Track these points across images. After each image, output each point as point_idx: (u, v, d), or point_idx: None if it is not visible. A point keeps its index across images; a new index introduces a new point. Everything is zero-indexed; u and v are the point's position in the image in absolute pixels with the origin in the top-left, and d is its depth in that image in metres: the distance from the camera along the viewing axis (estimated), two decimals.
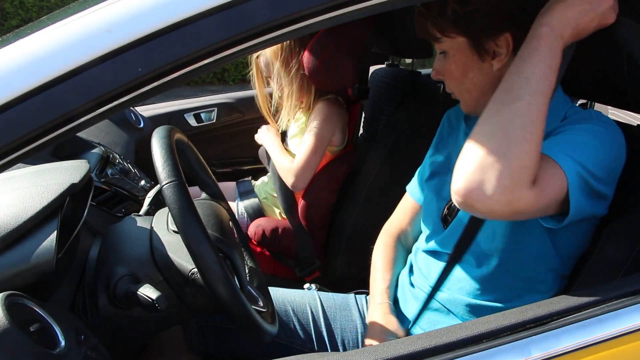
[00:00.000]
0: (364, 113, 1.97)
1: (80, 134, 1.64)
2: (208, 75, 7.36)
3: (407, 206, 1.34)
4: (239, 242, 1.13)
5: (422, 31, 1.05)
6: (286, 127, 1.84)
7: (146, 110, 2.33)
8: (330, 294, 1.40)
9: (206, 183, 1.20)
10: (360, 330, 1.30)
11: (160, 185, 0.88)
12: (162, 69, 0.69)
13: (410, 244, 1.29)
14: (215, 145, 2.45)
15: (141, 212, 1.21)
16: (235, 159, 2.53)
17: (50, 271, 0.84)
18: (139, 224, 1.07)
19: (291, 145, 1.81)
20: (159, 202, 1.20)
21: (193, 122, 2.41)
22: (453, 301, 1.09)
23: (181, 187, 0.87)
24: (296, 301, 1.33)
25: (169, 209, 0.87)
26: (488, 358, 0.74)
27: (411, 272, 1.23)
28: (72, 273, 1.04)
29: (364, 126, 2.04)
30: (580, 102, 1.24)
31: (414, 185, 1.33)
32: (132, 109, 2.16)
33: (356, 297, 1.39)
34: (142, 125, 2.18)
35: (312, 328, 1.29)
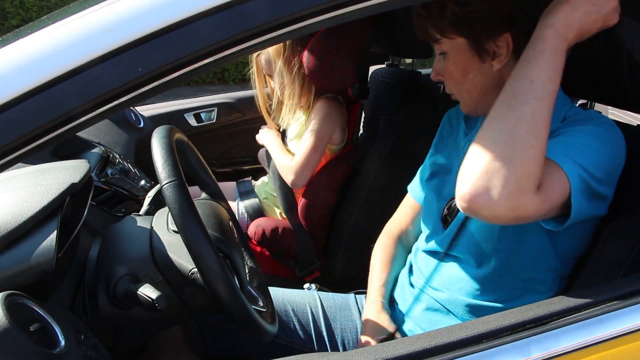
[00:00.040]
0: (364, 113, 1.97)
1: (80, 134, 1.64)
2: (208, 75, 7.36)
3: (408, 206, 1.34)
4: (239, 242, 1.13)
5: (421, 33, 1.04)
6: (286, 126, 1.84)
7: (146, 110, 2.33)
8: (330, 294, 1.40)
9: (206, 183, 1.20)
10: (360, 330, 1.30)
11: (160, 185, 0.88)
12: (162, 69, 0.69)
13: (412, 243, 1.29)
14: (215, 145, 2.45)
15: (141, 212, 1.21)
16: (235, 159, 2.53)
17: (50, 271, 0.84)
18: (139, 224, 1.07)
19: (291, 145, 1.81)
20: (159, 202, 1.20)
21: (193, 122, 2.41)
22: (453, 301, 1.09)
23: (181, 187, 0.87)
24: (296, 301, 1.33)
25: (169, 208, 0.87)
26: (488, 358, 0.74)
27: (411, 272, 1.23)
28: (72, 273, 1.04)
29: (364, 126, 2.04)
30: (580, 102, 1.24)
31: (415, 185, 1.33)
32: (132, 108, 2.16)
33: (356, 297, 1.39)
34: (142, 125, 2.18)
35: (312, 328, 1.29)
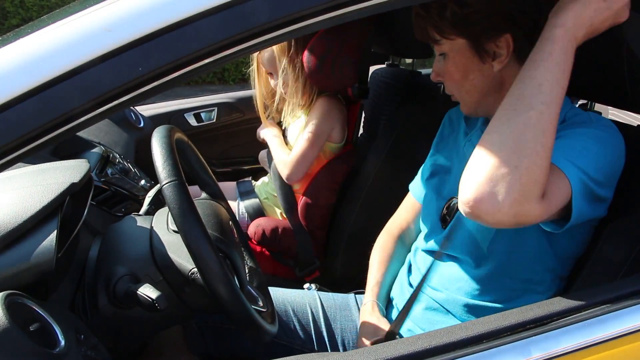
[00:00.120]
0: (364, 113, 1.97)
1: (80, 134, 1.64)
2: (208, 75, 7.37)
3: (409, 205, 1.34)
4: (238, 242, 1.13)
5: (420, 33, 1.04)
6: (287, 125, 1.85)
7: (146, 110, 2.33)
8: (331, 294, 1.40)
9: (206, 183, 1.20)
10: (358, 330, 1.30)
11: (160, 185, 0.88)
12: (162, 69, 0.69)
13: (412, 242, 1.29)
14: (215, 145, 2.45)
15: (141, 212, 1.21)
16: (235, 159, 2.53)
17: (50, 271, 0.84)
18: (138, 224, 1.07)
19: (292, 144, 1.81)
20: (159, 202, 1.20)
21: (193, 122, 2.41)
22: (451, 301, 1.09)
23: (181, 187, 0.87)
24: (296, 301, 1.33)
25: (169, 208, 0.87)
26: (488, 358, 0.74)
27: (409, 272, 1.23)
28: (72, 272, 1.04)
29: (364, 126, 2.04)
30: (580, 103, 1.24)
31: (416, 184, 1.33)
32: (132, 108, 2.16)
33: (356, 297, 1.38)
34: (142, 124, 2.18)
35: (312, 328, 1.29)
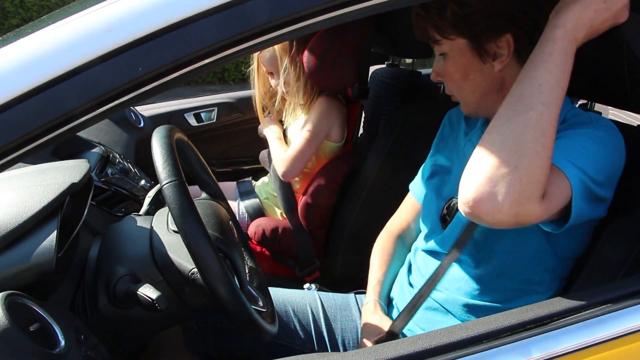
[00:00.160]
0: (364, 113, 1.97)
1: (80, 134, 1.64)
2: (208, 75, 7.37)
3: (410, 205, 1.34)
4: (238, 242, 1.12)
5: (420, 33, 1.03)
6: (287, 125, 1.85)
7: (146, 110, 2.33)
8: (331, 294, 1.40)
9: (206, 183, 1.20)
10: (360, 330, 1.30)
11: (160, 185, 0.88)
12: (162, 69, 0.69)
13: (413, 241, 1.29)
14: (215, 145, 2.45)
15: (141, 212, 1.21)
16: (235, 159, 2.53)
17: (50, 271, 0.84)
18: (139, 224, 1.07)
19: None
20: (159, 202, 1.20)
21: (193, 122, 2.41)
22: (451, 301, 1.09)
23: (181, 187, 0.87)
24: (296, 302, 1.33)
25: (169, 208, 0.87)
26: (488, 358, 0.74)
27: (409, 272, 1.23)
28: (72, 273, 1.04)
29: (364, 126, 2.04)
30: (580, 103, 1.24)
31: (416, 184, 1.33)
32: (132, 108, 2.16)
33: (356, 297, 1.38)
34: (142, 124, 2.18)
35: (313, 328, 1.29)
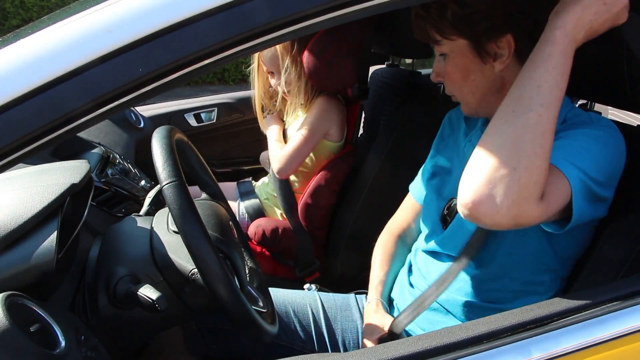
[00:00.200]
0: (364, 113, 1.97)
1: (81, 134, 1.64)
2: (208, 75, 7.37)
3: (410, 205, 1.34)
4: (239, 243, 1.12)
5: (420, 34, 1.03)
6: (287, 125, 1.85)
7: (146, 110, 2.33)
8: (331, 294, 1.40)
9: (206, 183, 1.20)
10: (360, 330, 1.30)
11: (160, 186, 0.88)
12: (163, 70, 0.69)
13: (413, 242, 1.29)
14: (215, 145, 2.45)
15: (141, 212, 1.21)
16: (235, 159, 2.53)
17: (50, 271, 0.84)
18: (139, 224, 1.07)
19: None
20: (159, 202, 1.20)
21: (193, 122, 2.41)
22: (451, 301, 1.09)
23: (181, 187, 0.87)
24: (297, 302, 1.33)
25: (169, 209, 0.87)
26: (489, 359, 0.74)
27: (410, 272, 1.23)
28: (72, 273, 1.04)
29: (364, 126, 2.04)
30: (580, 103, 1.24)
31: (416, 185, 1.33)
32: (132, 109, 2.16)
33: (357, 297, 1.38)
34: (142, 125, 2.18)
35: (313, 329, 1.29)
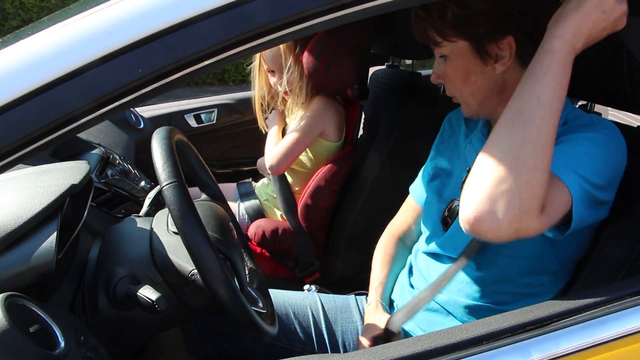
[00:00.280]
0: (364, 114, 1.97)
1: (81, 135, 1.64)
2: (208, 76, 7.36)
3: (410, 207, 1.34)
4: (238, 243, 1.12)
5: (421, 35, 1.03)
6: (288, 125, 1.85)
7: (146, 111, 2.33)
8: (331, 295, 1.40)
9: (206, 184, 1.20)
10: (360, 331, 1.30)
11: (160, 186, 0.88)
12: (163, 70, 0.69)
13: (414, 243, 1.29)
14: (215, 146, 2.45)
15: (141, 213, 1.21)
16: (235, 160, 2.52)
17: (50, 272, 0.84)
18: (139, 225, 1.07)
19: None
20: (159, 203, 1.20)
21: (193, 123, 2.41)
22: (452, 303, 1.09)
23: (181, 188, 0.87)
24: (297, 304, 1.33)
25: (169, 210, 0.87)
26: None
27: (410, 273, 1.23)
28: (72, 274, 1.04)
29: (364, 127, 2.04)
30: (580, 104, 1.24)
31: (416, 186, 1.33)
32: (132, 109, 2.16)
33: (356, 298, 1.38)
34: (142, 126, 2.18)
35: (313, 330, 1.29)
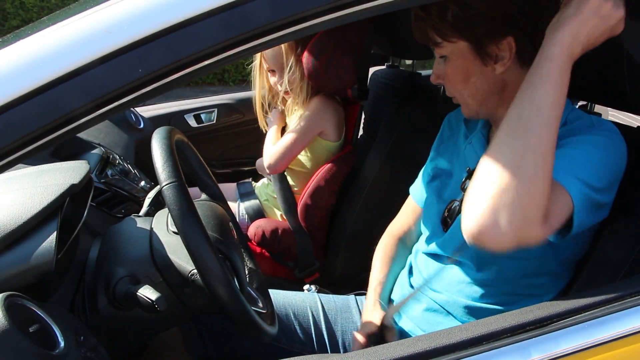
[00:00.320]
0: (363, 114, 1.97)
1: (81, 135, 1.64)
2: (208, 76, 7.37)
3: (410, 208, 1.34)
4: (238, 243, 1.12)
5: (421, 36, 1.03)
6: (288, 125, 1.85)
7: (146, 111, 2.33)
8: (331, 295, 1.40)
9: (206, 184, 1.20)
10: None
11: (160, 186, 0.88)
12: (163, 70, 0.69)
13: (414, 244, 1.29)
14: (215, 146, 2.45)
15: (141, 213, 1.21)
16: (235, 160, 2.52)
17: (49, 272, 0.84)
18: (138, 225, 1.07)
19: None
20: (159, 203, 1.20)
21: (193, 123, 2.41)
22: (452, 303, 1.09)
23: (181, 188, 0.87)
24: (297, 304, 1.33)
25: (168, 209, 0.87)
26: None
27: (410, 274, 1.23)
28: (71, 274, 1.04)
29: (364, 127, 2.04)
30: (580, 104, 1.24)
31: (416, 187, 1.33)
32: (132, 109, 2.16)
33: (356, 298, 1.38)
34: (142, 126, 2.18)
35: (313, 330, 1.29)
